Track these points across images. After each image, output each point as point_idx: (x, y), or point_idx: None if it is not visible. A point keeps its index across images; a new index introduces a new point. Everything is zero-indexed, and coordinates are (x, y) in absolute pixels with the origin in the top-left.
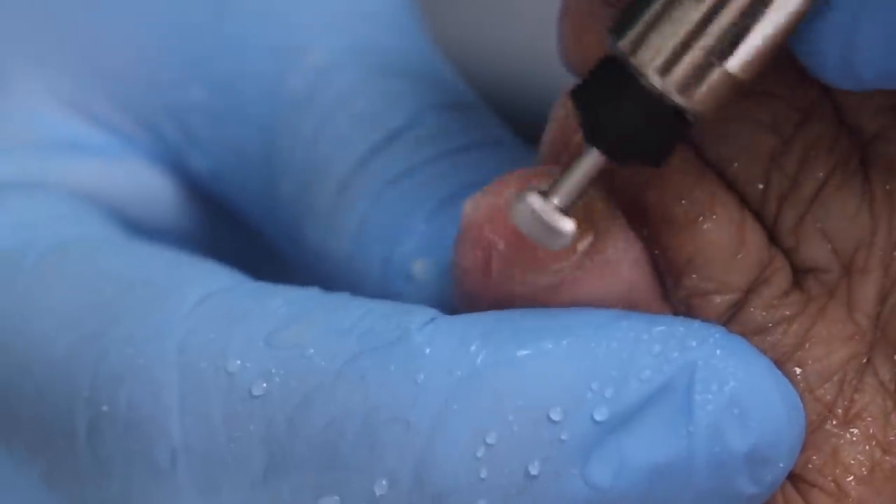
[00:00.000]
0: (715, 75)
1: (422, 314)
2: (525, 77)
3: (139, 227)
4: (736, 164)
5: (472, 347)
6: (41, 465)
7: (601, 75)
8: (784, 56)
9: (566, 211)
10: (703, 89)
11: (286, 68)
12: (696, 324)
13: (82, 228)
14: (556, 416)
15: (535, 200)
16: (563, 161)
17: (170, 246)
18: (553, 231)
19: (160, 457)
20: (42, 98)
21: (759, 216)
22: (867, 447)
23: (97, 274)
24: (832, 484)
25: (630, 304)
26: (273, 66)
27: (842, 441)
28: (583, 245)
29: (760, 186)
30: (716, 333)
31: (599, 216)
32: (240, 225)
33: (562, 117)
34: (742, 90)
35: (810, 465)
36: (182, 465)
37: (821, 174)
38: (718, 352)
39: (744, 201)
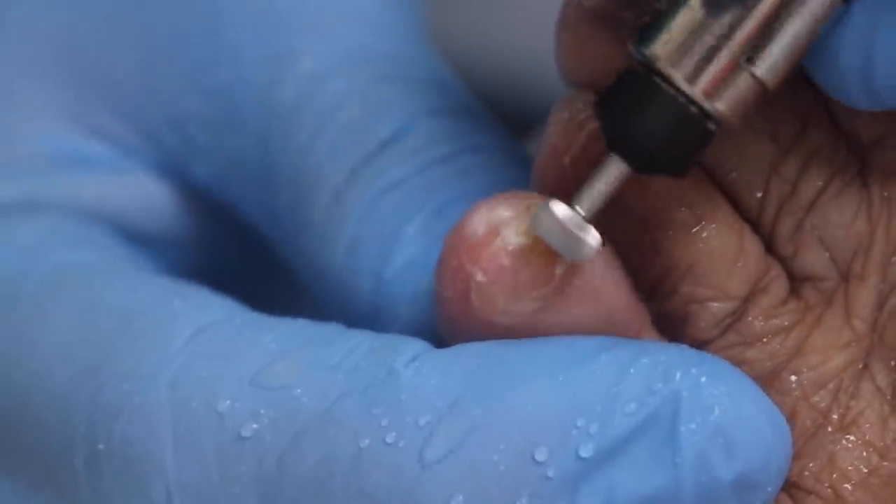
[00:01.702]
0: (742, 81)
1: (407, 350)
2: (527, 78)
3: (143, 239)
4: (735, 173)
5: (457, 387)
6: (44, 496)
7: (625, 84)
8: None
9: (590, 221)
10: (730, 95)
11: (278, 77)
12: (680, 351)
13: (82, 253)
14: (541, 456)
15: (559, 210)
16: (568, 167)
17: (173, 257)
18: (579, 241)
19: (156, 494)
20: (44, 113)
21: (755, 225)
22: (864, 453)
23: (94, 305)
24: (829, 490)
25: (612, 327)
26: (266, 75)
27: (838, 447)
28: (561, 268)
29: (759, 195)
30: (700, 361)
31: None
32: (243, 233)
33: (564, 120)
34: (766, 97)
35: (807, 473)
36: (177, 502)
37: (819, 182)
38: (703, 380)
39: (741, 210)
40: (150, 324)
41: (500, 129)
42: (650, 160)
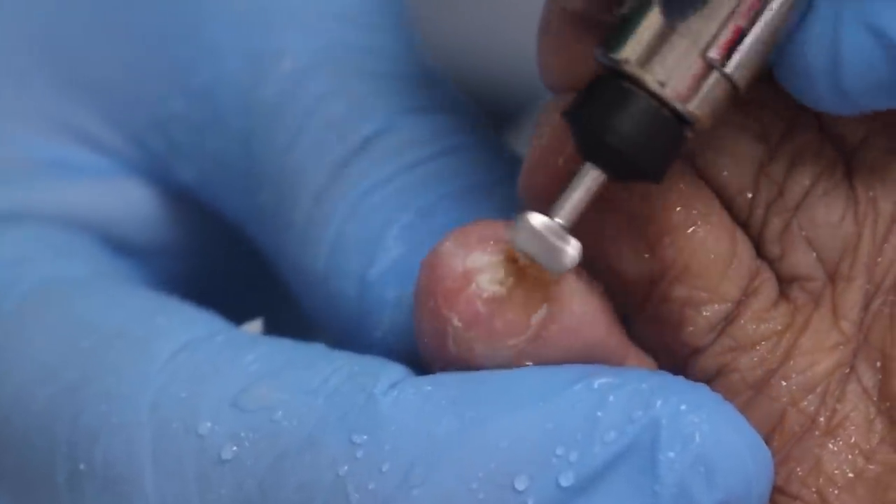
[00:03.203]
0: (713, 82)
1: (387, 376)
2: (505, 70)
3: (128, 247)
4: (726, 173)
5: (436, 416)
6: None
7: (595, 91)
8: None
9: (569, 230)
10: (702, 96)
11: (258, 76)
12: (660, 378)
13: (66, 265)
14: (520, 484)
15: (537, 221)
16: (561, 168)
17: (158, 264)
18: (558, 251)
19: None
20: (29, 119)
21: (745, 226)
22: (850, 456)
23: (75, 322)
24: (815, 495)
25: (592, 357)
26: (246, 74)
27: (825, 451)
28: (537, 318)
29: (749, 195)
30: (680, 388)
31: (551, 283)
32: (228, 239)
33: (555, 121)
34: (735, 97)
35: (793, 478)
36: None
37: (807, 182)
38: (683, 407)
39: (731, 211)
40: (131, 342)
41: (485, 126)
42: (627, 167)
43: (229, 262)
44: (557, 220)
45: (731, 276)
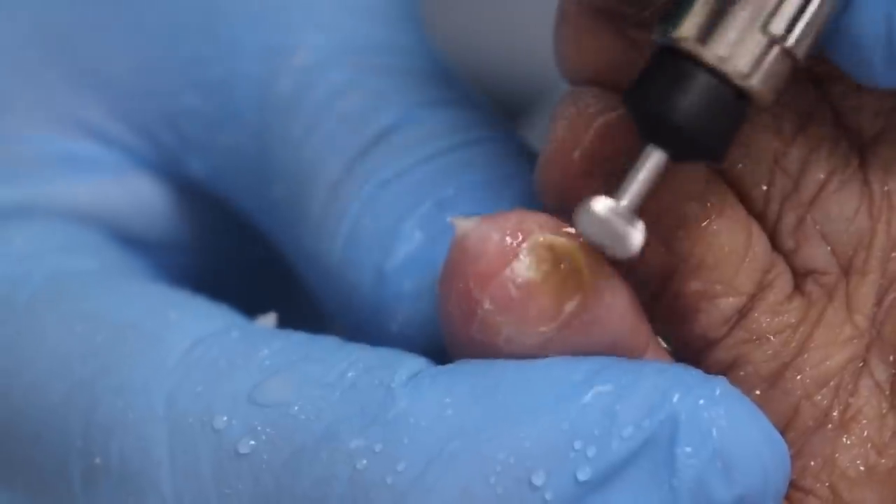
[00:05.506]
0: (773, 56)
1: (405, 368)
2: (517, 63)
3: (139, 242)
4: (741, 166)
5: (454, 410)
6: None
7: (656, 70)
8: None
9: (635, 215)
10: (764, 71)
11: (274, 70)
12: (678, 372)
13: (78, 260)
14: (538, 479)
15: (602, 206)
16: (577, 161)
17: (169, 260)
18: (624, 237)
19: None
20: (40, 115)
21: (760, 219)
22: (863, 450)
23: (89, 316)
24: (827, 489)
25: (615, 352)
26: (262, 68)
27: (838, 445)
28: (570, 307)
29: (764, 188)
30: (698, 382)
31: (585, 275)
32: (240, 234)
33: (572, 114)
34: (795, 72)
35: (807, 472)
36: None
37: (821, 175)
38: (701, 402)
39: (746, 204)
40: (145, 337)
41: (499, 120)
42: (689, 146)
43: (241, 255)
44: (623, 203)
45: (745, 270)
